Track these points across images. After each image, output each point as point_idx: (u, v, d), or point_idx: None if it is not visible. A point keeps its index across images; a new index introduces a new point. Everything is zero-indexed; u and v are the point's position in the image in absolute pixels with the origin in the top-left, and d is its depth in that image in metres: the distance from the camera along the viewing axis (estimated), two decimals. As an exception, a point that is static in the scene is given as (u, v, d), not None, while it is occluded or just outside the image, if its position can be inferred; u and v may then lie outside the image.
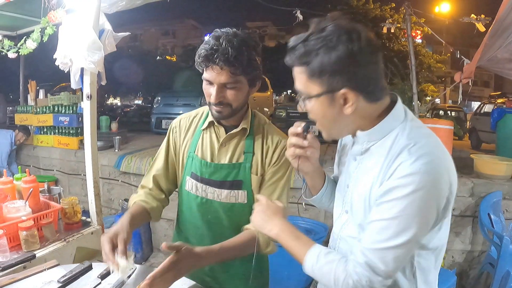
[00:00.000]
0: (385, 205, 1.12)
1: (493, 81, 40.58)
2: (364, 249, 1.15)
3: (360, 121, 1.24)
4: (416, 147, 1.14)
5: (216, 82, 1.58)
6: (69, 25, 2.31)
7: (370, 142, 1.26)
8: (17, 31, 3.76)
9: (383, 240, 1.12)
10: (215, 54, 1.52)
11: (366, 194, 1.22)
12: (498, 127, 6.37)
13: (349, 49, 1.10)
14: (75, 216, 2.34)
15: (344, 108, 1.17)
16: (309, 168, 1.45)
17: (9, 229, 1.98)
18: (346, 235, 1.36)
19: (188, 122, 1.91)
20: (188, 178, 1.83)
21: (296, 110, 8.74)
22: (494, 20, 4.15)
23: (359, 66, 1.13)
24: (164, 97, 9.32)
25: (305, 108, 1.26)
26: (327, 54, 1.10)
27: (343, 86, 1.13)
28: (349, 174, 1.38)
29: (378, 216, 1.14)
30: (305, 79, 1.18)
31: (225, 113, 1.65)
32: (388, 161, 1.17)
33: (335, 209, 1.48)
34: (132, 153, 5.74)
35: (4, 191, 2.25)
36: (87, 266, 1.66)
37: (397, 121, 1.23)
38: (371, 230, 1.16)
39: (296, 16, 6.56)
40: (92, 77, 2.33)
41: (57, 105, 6.55)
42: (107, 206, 5.74)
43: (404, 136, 1.19)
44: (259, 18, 49.49)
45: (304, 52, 1.14)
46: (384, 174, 1.16)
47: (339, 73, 1.12)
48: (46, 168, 6.64)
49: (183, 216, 1.93)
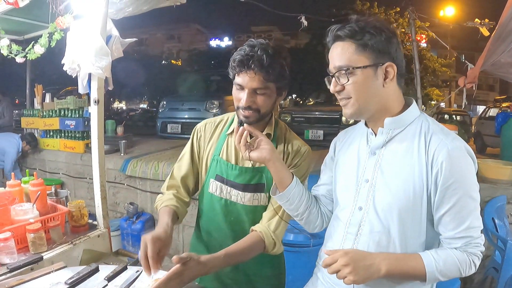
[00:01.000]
0: (451, 188, 1.31)
1: (498, 84, 40.36)
2: (462, 231, 1.34)
3: (389, 102, 1.41)
4: (447, 130, 1.39)
5: (248, 86, 1.66)
6: (77, 31, 2.33)
7: (395, 130, 1.41)
8: (25, 36, 3.78)
9: (470, 218, 1.33)
10: (251, 59, 1.61)
11: (410, 177, 1.35)
12: (503, 131, 6.37)
13: (393, 33, 1.36)
14: (82, 219, 2.36)
15: (385, 82, 1.36)
16: (259, 156, 1.54)
17: (17, 231, 2.00)
18: (368, 231, 1.43)
19: (213, 127, 1.97)
20: (212, 180, 1.88)
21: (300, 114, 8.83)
22: (497, 25, 4.15)
23: (398, 48, 1.37)
24: (169, 101, 9.31)
25: (343, 83, 1.37)
26: (378, 33, 1.32)
27: (387, 61, 1.34)
28: (364, 169, 1.48)
29: (454, 199, 1.31)
30: (352, 53, 1.34)
31: (252, 118, 1.70)
32: (422, 141, 1.36)
33: (341, 210, 1.55)
34: (138, 157, 5.77)
35: (12, 194, 2.27)
36: (94, 268, 1.68)
37: (417, 111, 1.43)
38: (456, 214, 1.32)
39: (301, 22, 6.57)
40: (99, 82, 2.35)
41: (63, 109, 6.59)
42: (112, 210, 5.77)
43: (430, 122, 1.41)
44: (264, 23, 49.54)
45: (357, 29, 1.33)
46: (427, 154, 1.34)
47: (386, 49, 1.34)
48: (52, 171, 6.67)
49: (205, 218, 1.97)
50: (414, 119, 1.42)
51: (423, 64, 17.61)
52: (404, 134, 1.40)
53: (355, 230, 1.46)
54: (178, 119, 8.62)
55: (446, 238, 1.36)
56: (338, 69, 1.37)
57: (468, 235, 1.33)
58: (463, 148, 1.32)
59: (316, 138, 7.91)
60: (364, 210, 1.44)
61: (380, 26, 1.33)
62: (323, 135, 7.90)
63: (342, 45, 1.36)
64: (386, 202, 1.39)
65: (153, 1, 2.59)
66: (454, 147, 1.30)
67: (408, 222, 1.37)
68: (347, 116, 1.43)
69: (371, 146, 1.47)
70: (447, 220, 1.33)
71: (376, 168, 1.43)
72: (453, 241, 1.35)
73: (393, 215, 1.37)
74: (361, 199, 1.46)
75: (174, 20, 50.36)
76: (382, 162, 1.42)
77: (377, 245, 1.41)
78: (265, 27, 51.81)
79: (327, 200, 1.72)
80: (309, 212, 1.65)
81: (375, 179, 1.43)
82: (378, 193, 1.41)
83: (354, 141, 1.59)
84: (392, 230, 1.38)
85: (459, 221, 1.32)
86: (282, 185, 1.59)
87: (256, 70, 1.62)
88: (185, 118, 8.55)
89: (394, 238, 1.39)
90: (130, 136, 7.19)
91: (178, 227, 5.21)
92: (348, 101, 1.39)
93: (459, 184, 1.30)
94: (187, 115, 8.59)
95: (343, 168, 1.60)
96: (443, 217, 1.34)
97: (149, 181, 5.38)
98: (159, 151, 6.41)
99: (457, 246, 1.35)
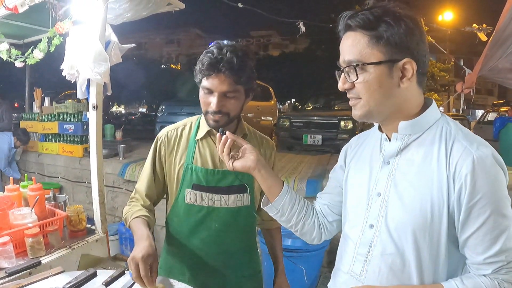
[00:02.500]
0: (478, 206, 1.09)
1: (497, 89, 40.49)
2: (493, 256, 1.11)
3: (406, 103, 1.20)
4: (472, 135, 1.17)
5: (217, 90, 1.63)
6: (76, 36, 2.35)
7: (412, 135, 1.21)
8: (24, 40, 3.81)
9: (501, 239, 1.10)
10: (220, 62, 1.58)
11: (427, 191, 1.15)
12: (501, 136, 6.37)
13: (415, 23, 1.13)
14: (80, 223, 2.37)
15: (402, 81, 1.15)
16: (243, 165, 1.44)
17: (15, 236, 2.00)
18: (379, 253, 1.24)
19: (176, 135, 1.90)
20: (189, 190, 1.82)
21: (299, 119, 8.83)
22: (494, 31, 4.17)
23: (421, 41, 1.15)
24: (168, 106, 9.32)
25: (352, 80, 1.18)
26: (396, 23, 1.10)
27: (405, 57, 1.13)
28: (377, 181, 1.29)
29: (482, 219, 1.09)
30: (365, 46, 1.14)
31: (222, 122, 1.69)
32: (443, 149, 1.15)
33: (351, 228, 1.37)
34: (137, 162, 5.77)
35: (10, 198, 2.27)
36: (91, 273, 1.68)
37: (437, 114, 1.22)
38: (486, 235, 1.10)
39: (299, 28, 6.58)
40: (98, 88, 2.36)
41: (62, 113, 6.61)
42: (111, 214, 5.77)
43: (452, 126, 1.19)
44: (263, 27, 49.56)
45: (371, 18, 1.12)
46: (448, 165, 1.13)
47: (404, 43, 1.12)
48: (51, 175, 6.68)
49: (181, 229, 1.91)
50: (434, 122, 1.21)
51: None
52: (422, 140, 1.20)
53: (365, 251, 1.28)
54: (177, 124, 8.58)
55: (473, 263, 1.15)
56: (347, 63, 1.17)
57: (500, 260, 1.11)
58: (490, 156, 1.10)
59: (315, 143, 7.89)
60: (375, 228, 1.25)
61: (400, 14, 1.11)
62: (322, 140, 7.89)
63: (353, 36, 1.16)
64: (400, 220, 1.19)
65: (152, 7, 2.60)
66: (480, 156, 1.09)
67: (425, 244, 1.16)
68: (356, 117, 1.24)
69: (384, 155, 1.28)
70: (475, 243, 1.12)
71: (389, 180, 1.24)
72: (482, 267, 1.13)
73: (407, 235, 1.17)
74: (373, 216, 1.27)
75: (174, 25, 50.52)
76: (396, 173, 1.23)
77: (390, 269, 1.21)
78: (264, 31, 51.76)
79: (328, 210, 1.55)
80: (303, 224, 1.50)
81: (388, 193, 1.23)
82: (390, 209, 1.22)
83: (367, 148, 1.41)
84: (407, 252, 1.18)
85: (489, 243, 1.10)
86: (272, 193, 1.46)
87: (227, 74, 1.60)
88: (184, 123, 8.52)
89: (410, 262, 1.18)
90: (129, 141, 7.20)
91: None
92: (358, 101, 1.20)
93: (487, 200, 1.08)
94: (186, 120, 8.56)
95: (354, 179, 1.40)
96: (469, 239, 1.13)
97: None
98: (157, 156, 6.41)
99: (486, 273, 1.13)
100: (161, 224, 5.16)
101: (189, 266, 1.89)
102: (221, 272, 1.89)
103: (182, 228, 1.90)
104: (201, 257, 1.86)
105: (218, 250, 1.86)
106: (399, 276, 1.20)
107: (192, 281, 1.84)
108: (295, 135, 8.55)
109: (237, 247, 1.91)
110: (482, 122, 12.58)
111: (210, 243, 1.85)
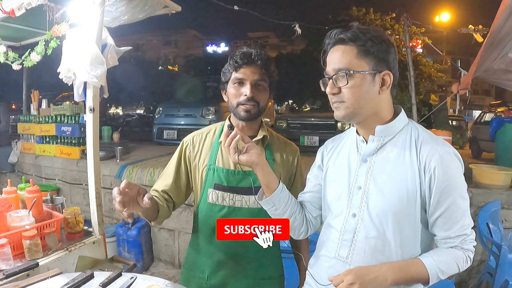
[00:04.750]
0: (445, 191, 1.37)
1: (494, 89, 40.51)
2: (457, 230, 1.41)
3: (382, 109, 1.45)
4: (435, 136, 1.45)
5: (250, 78, 1.81)
6: (73, 39, 2.35)
7: (386, 137, 1.45)
8: (21, 42, 3.81)
9: (463, 217, 1.42)
10: (252, 54, 1.82)
11: (403, 182, 1.40)
12: (497, 136, 6.38)
13: (391, 44, 1.41)
14: (77, 226, 2.37)
15: (382, 89, 1.39)
16: (247, 159, 1.53)
17: (13, 238, 2.02)
18: (363, 237, 1.46)
19: (201, 138, 2.01)
20: (211, 190, 1.90)
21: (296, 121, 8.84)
22: (489, 32, 4.20)
23: (395, 59, 1.43)
24: (165, 108, 9.30)
25: (340, 85, 1.39)
26: (380, 42, 1.37)
27: (385, 69, 1.38)
28: (356, 177, 1.51)
29: (449, 201, 1.37)
30: (354, 56, 1.37)
31: (253, 112, 1.83)
32: (413, 147, 1.42)
33: (334, 218, 1.57)
34: (134, 164, 5.77)
35: (8, 201, 2.28)
36: (89, 275, 1.69)
37: (405, 119, 1.49)
38: (451, 215, 1.39)
39: (295, 30, 6.60)
40: (94, 91, 2.37)
41: (59, 115, 6.58)
42: (108, 216, 5.76)
43: (420, 129, 1.47)
44: (261, 29, 49.61)
45: (360, 35, 1.36)
46: (418, 160, 1.39)
47: (385, 58, 1.38)
48: (48, 177, 6.66)
49: (204, 228, 1.97)
50: (403, 126, 1.47)
51: (418, 69, 17.65)
52: (395, 141, 1.45)
53: (350, 236, 1.48)
54: (174, 125, 8.63)
55: (442, 238, 1.43)
56: (337, 71, 1.38)
57: (463, 233, 1.41)
58: (452, 153, 1.38)
59: (312, 144, 7.91)
60: (358, 216, 1.47)
61: (380, 35, 1.38)
62: (319, 141, 7.89)
63: (343, 49, 1.39)
64: (380, 208, 1.42)
65: (148, 10, 2.61)
66: (445, 153, 1.37)
67: (403, 225, 1.41)
68: (338, 117, 1.45)
69: (362, 154, 1.50)
70: (442, 221, 1.39)
71: (368, 175, 1.47)
72: (449, 240, 1.42)
73: (388, 219, 1.41)
74: (355, 206, 1.48)
75: (171, 26, 50.41)
76: (374, 169, 1.46)
77: (373, 250, 1.44)
78: (262, 33, 51.90)
79: (312, 206, 1.73)
80: (294, 219, 1.65)
81: (368, 186, 1.46)
82: (371, 199, 1.44)
83: (343, 149, 1.63)
84: (387, 234, 1.41)
85: (454, 221, 1.39)
86: (269, 189, 1.59)
87: (258, 63, 1.81)
88: (181, 124, 8.57)
89: (390, 242, 1.42)
90: (126, 142, 7.19)
91: (174, 234, 5.20)
92: (341, 104, 1.41)
93: (452, 187, 1.37)
94: (183, 121, 8.60)
95: (334, 176, 1.61)
96: (438, 219, 1.40)
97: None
98: (155, 157, 6.42)
99: (453, 245, 1.42)
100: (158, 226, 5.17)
101: (209, 264, 1.95)
102: (241, 272, 1.93)
103: (204, 227, 1.97)
104: (221, 256, 1.92)
105: (237, 251, 1.91)
106: (381, 256, 1.43)
107: (211, 279, 1.93)
108: (292, 136, 8.50)
109: (257, 249, 1.91)
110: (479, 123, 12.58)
111: (231, 243, 1.87)
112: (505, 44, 4.11)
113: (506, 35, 3.98)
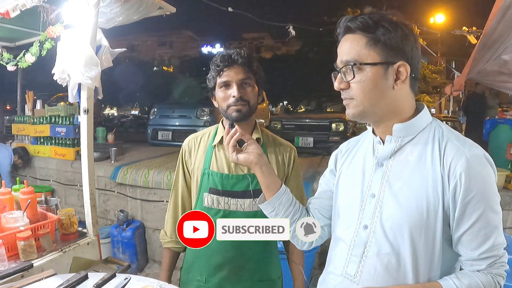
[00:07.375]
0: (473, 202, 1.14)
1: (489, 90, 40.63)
2: (487, 251, 1.17)
3: (399, 106, 1.25)
4: (463, 137, 1.23)
5: (235, 79, 1.81)
6: (67, 41, 2.36)
7: (405, 137, 1.25)
8: (16, 43, 3.81)
9: (494, 235, 1.17)
10: (232, 55, 1.82)
11: (423, 190, 1.19)
12: (491, 137, 6.39)
13: (410, 30, 1.22)
14: (71, 227, 2.38)
15: (396, 83, 1.20)
16: (246, 159, 1.46)
17: (8, 239, 2.02)
18: (374, 254, 1.26)
19: (196, 142, 2.02)
20: (206, 194, 1.91)
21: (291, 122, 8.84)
22: (482, 34, 4.22)
23: (415, 47, 1.22)
24: (160, 109, 9.25)
25: (348, 79, 1.23)
26: (393, 28, 1.17)
27: (400, 60, 1.19)
28: (370, 183, 1.31)
29: (476, 215, 1.15)
30: (362, 47, 1.19)
31: (244, 111, 1.83)
32: (436, 149, 1.20)
33: (344, 230, 1.38)
34: (128, 165, 5.75)
35: (2, 202, 2.28)
36: (83, 276, 1.70)
37: (429, 117, 1.27)
38: (479, 231, 1.16)
39: (289, 31, 6.59)
40: (89, 92, 2.38)
41: (54, 116, 6.56)
42: (103, 217, 5.75)
43: (444, 129, 1.26)
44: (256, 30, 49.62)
45: (370, 22, 1.18)
46: (442, 164, 1.18)
47: (400, 47, 1.18)
48: (43, 178, 6.63)
49: None
50: (426, 125, 1.26)
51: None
52: (415, 142, 1.24)
53: (359, 252, 1.29)
54: (169, 126, 8.59)
55: (468, 259, 1.20)
56: (345, 63, 1.22)
57: (493, 255, 1.17)
58: (482, 156, 1.17)
59: (306, 145, 7.89)
60: (370, 229, 1.27)
61: (396, 21, 1.19)
62: (313, 142, 7.89)
63: (352, 38, 1.21)
64: (395, 220, 1.22)
65: (143, 11, 2.62)
66: (473, 156, 1.15)
67: (420, 242, 1.19)
68: (350, 117, 1.28)
69: (378, 157, 1.31)
70: (469, 239, 1.17)
71: (384, 181, 1.27)
72: (476, 262, 1.19)
73: (403, 234, 1.20)
74: (367, 217, 1.29)
75: (166, 27, 50.28)
76: (391, 174, 1.26)
77: (386, 269, 1.23)
78: (257, 34, 51.93)
79: (319, 215, 1.53)
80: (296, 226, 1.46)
81: (383, 194, 1.26)
82: (386, 209, 1.24)
83: (359, 152, 1.44)
84: (402, 251, 1.21)
85: (483, 239, 1.16)
86: (269, 192, 1.46)
87: (240, 63, 1.82)
88: (176, 126, 8.53)
89: (405, 261, 1.21)
90: (120, 143, 7.17)
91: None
92: (351, 101, 1.24)
93: (481, 197, 1.14)
94: (178, 122, 8.57)
95: (347, 182, 1.42)
96: (463, 236, 1.17)
97: (139, 189, 5.37)
98: (149, 159, 6.40)
99: (480, 269, 1.18)
100: (153, 227, 5.17)
101: (206, 267, 1.96)
102: (238, 275, 1.94)
103: None
104: (218, 259, 1.92)
105: (234, 254, 1.91)
106: (395, 276, 1.23)
107: (208, 282, 1.94)
108: (286, 137, 8.43)
109: (254, 251, 1.94)
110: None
111: (227, 246, 1.89)
112: (498, 46, 4.13)
113: (499, 37, 4.02)
